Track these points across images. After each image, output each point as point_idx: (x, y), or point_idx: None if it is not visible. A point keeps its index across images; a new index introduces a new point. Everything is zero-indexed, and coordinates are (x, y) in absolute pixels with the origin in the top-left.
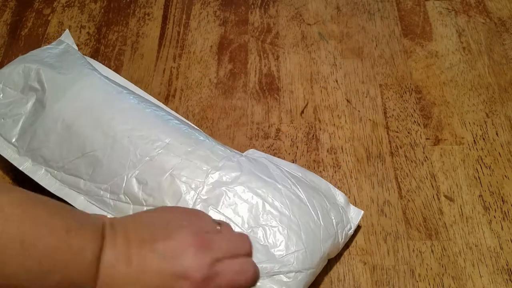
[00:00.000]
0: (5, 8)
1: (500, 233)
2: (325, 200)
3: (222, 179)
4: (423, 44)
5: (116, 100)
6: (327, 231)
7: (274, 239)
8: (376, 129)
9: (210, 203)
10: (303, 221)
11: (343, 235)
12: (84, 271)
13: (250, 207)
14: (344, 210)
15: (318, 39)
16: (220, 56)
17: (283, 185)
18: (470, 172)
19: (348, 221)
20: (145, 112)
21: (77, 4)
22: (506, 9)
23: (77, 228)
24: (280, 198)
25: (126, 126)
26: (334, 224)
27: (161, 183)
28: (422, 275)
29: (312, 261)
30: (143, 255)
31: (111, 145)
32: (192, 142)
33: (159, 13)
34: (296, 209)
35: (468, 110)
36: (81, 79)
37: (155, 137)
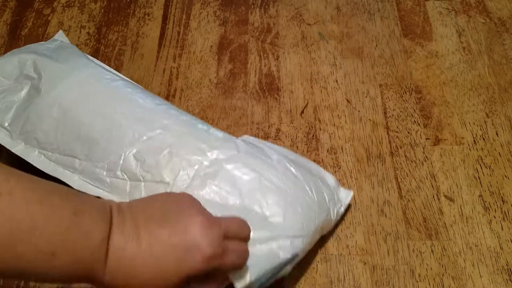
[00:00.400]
0: (5, 8)
1: (500, 233)
2: (318, 179)
3: (219, 156)
4: (423, 44)
5: (114, 87)
6: (321, 206)
7: (271, 210)
8: (376, 129)
9: (208, 177)
10: (299, 195)
11: (335, 212)
12: (94, 252)
13: (247, 181)
14: (335, 190)
15: (318, 39)
16: (220, 56)
17: (279, 164)
18: (470, 172)
19: (339, 200)
20: (142, 98)
21: (77, 4)
22: (506, 9)
23: (84, 211)
24: (276, 174)
25: (123, 110)
26: (326, 201)
27: (159, 160)
28: (422, 275)
29: (308, 230)
30: (153, 233)
31: (109, 127)
32: (189, 124)
33: (159, 13)
34: (291, 184)
35: (468, 110)
36: (79, 68)
37: (152, 120)
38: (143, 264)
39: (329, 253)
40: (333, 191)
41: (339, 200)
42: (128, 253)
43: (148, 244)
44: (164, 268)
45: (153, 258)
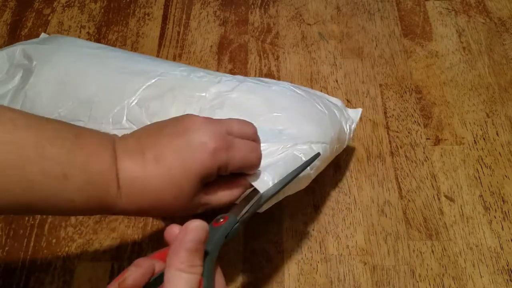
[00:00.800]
0: (5, 8)
1: (501, 233)
2: (325, 99)
3: (222, 89)
4: (423, 44)
5: (104, 51)
6: (332, 119)
7: (284, 124)
8: (376, 129)
9: (215, 108)
10: (309, 110)
11: (347, 127)
12: (103, 172)
13: (255, 104)
14: (344, 109)
15: (318, 39)
16: (220, 56)
17: (283, 87)
18: (471, 172)
19: (349, 117)
20: (134, 55)
21: (77, 4)
22: (506, 9)
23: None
24: (283, 95)
25: (117, 66)
26: (337, 115)
27: (163, 103)
28: (422, 275)
29: (326, 136)
30: (155, 144)
31: (106, 85)
32: (187, 69)
33: (159, 13)
34: (299, 101)
35: (468, 110)
36: (66, 43)
37: (148, 70)
38: (153, 176)
39: (329, 253)
40: (342, 109)
41: (349, 117)
42: (136, 170)
43: (153, 156)
44: (173, 174)
45: (161, 168)
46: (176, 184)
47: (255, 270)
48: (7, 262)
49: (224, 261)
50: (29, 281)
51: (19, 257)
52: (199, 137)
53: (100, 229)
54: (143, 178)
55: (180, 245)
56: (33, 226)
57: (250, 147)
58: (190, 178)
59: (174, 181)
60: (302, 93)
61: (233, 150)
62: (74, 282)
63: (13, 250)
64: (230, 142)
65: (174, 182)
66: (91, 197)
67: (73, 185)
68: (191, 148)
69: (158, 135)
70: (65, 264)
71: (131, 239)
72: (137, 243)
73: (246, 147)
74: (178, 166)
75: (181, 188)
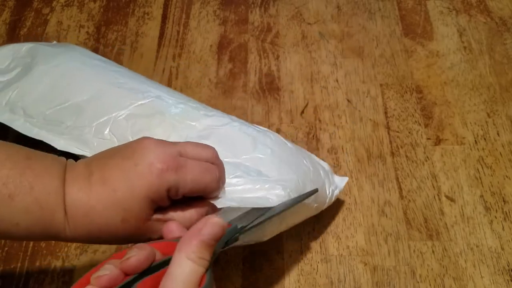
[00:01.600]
0: (4, 8)
1: (501, 234)
2: (313, 159)
3: (213, 123)
4: (424, 43)
5: (109, 65)
6: (316, 177)
7: (266, 167)
8: (376, 129)
9: (201, 138)
10: (294, 160)
11: (330, 190)
12: (51, 193)
13: (241, 143)
14: (330, 173)
15: (318, 39)
16: (220, 56)
17: (273, 135)
18: (471, 172)
19: (334, 182)
20: (134, 74)
21: (76, 3)
22: (507, 9)
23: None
24: (271, 142)
25: (117, 80)
26: (322, 175)
27: (151, 122)
28: (423, 276)
29: (305, 189)
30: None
31: (99, 95)
32: (183, 97)
33: (158, 12)
34: (287, 150)
35: (469, 110)
36: (73, 50)
37: (146, 90)
38: (98, 199)
39: (330, 254)
40: (328, 173)
41: (334, 182)
42: (82, 194)
43: (99, 178)
44: (119, 196)
45: (106, 190)
46: (122, 207)
47: (255, 270)
48: (7, 262)
49: (224, 261)
50: (28, 281)
51: (19, 257)
52: (147, 158)
53: None
54: (88, 202)
55: (196, 235)
56: None
57: (205, 168)
58: (137, 200)
59: (120, 204)
60: (291, 146)
61: (184, 171)
62: (74, 282)
63: (13, 250)
64: (180, 163)
65: (120, 204)
66: (36, 220)
67: (18, 206)
68: (138, 169)
69: (108, 158)
70: (65, 264)
71: None
72: None
73: (200, 168)
74: (124, 188)
75: (129, 211)
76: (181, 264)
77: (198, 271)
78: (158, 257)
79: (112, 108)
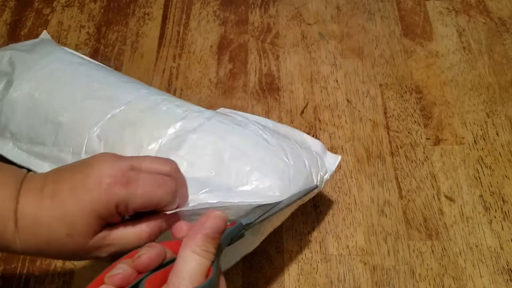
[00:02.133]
0: (5, 8)
1: (501, 233)
2: (296, 145)
3: (185, 127)
4: (424, 44)
5: (79, 70)
6: (298, 171)
7: (237, 177)
8: (376, 129)
9: (172, 150)
10: (270, 161)
11: (318, 177)
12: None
13: (213, 150)
14: (320, 156)
15: (318, 39)
16: (220, 56)
17: (250, 131)
18: (471, 172)
19: (323, 165)
20: (106, 77)
21: (77, 3)
22: (506, 9)
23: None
24: (246, 141)
25: (87, 89)
26: (306, 165)
27: (123, 136)
28: (422, 276)
29: (281, 196)
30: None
31: (73, 109)
32: (155, 99)
33: (158, 12)
34: (262, 150)
35: (468, 110)
36: (48, 54)
37: (116, 97)
38: (46, 212)
39: (329, 253)
40: (316, 157)
41: (324, 165)
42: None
43: (51, 191)
44: (67, 209)
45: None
46: (68, 221)
47: (255, 270)
48: (8, 262)
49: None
50: (29, 281)
51: (19, 257)
52: (97, 172)
53: None
54: (37, 214)
55: (199, 229)
56: None
57: (158, 182)
58: (84, 214)
59: (66, 218)
60: (269, 139)
61: (134, 185)
62: (74, 282)
63: None
64: (131, 177)
65: (66, 218)
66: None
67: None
68: (87, 183)
69: (64, 171)
70: (65, 264)
71: None
72: None
73: (152, 182)
74: (72, 201)
75: (74, 225)
76: (187, 257)
77: (204, 263)
78: (169, 255)
79: (86, 124)
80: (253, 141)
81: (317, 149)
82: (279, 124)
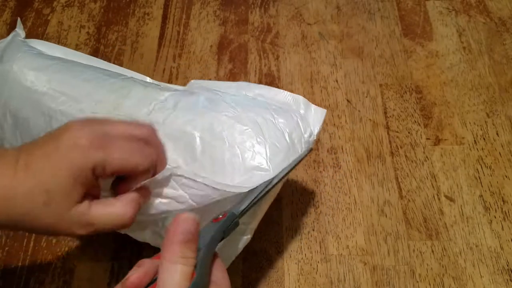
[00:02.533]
0: (5, 8)
1: (501, 233)
2: (272, 113)
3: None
4: (424, 44)
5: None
6: (277, 146)
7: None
8: (376, 129)
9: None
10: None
11: (302, 143)
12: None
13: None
14: (302, 116)
15: (318, 39)
16: (220, 56)
17: (219, 112)
18: (471, 172)
19: (307, 127)
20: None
21: (77, 3)
22: (506, 9)
23: None
24: (215, 127)
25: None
26: (286, 137)
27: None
28: (422, 275)
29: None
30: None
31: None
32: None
33: (158, 12)
34: (236, 134)
35: (468, 110)
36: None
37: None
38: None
39: (329, 253)
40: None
41: (308, 126)
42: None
43: (24, 162)
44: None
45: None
46: (44, 189)
47: (255, 270)
48: (7, 262)
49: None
50: (29, 281)
51: (19, 257)
52: (71, 136)
53: None
54: (11, 186)
55: (172, 237)
56: None
57: (135, 147)
58: (60, 181)
59: (42, 186)
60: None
61: (111, 148)
62: (74, 282)
63: (13, 250)
64: (107, 140)
65: (42, 186)
66: None
67: None
68: (61, 148)
69: (35, 143)
70: (65, 264)
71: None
72: (137, 243)
73: (130, 146)
74: (47, 169)
75: (51, 193)
76: (167, 270)
77: (185, 271)
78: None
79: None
80: (223, 125)
81: (299, 106)
82: (253, 86)
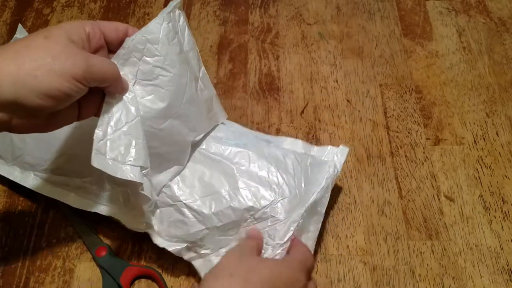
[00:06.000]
0: (5, 8)
1: (501, 233)
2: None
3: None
4: (424, 44)
5: None
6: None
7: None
8: (376, 129)
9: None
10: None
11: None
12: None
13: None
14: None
15: (318, 39)
16: (220, 56)
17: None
18: (471, 172)
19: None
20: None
21: (77, 4)
22: (506, 9)
23: None
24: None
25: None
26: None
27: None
28: (422, 276)
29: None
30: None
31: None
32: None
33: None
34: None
35: (468, 110)
36: None
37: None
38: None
39: (329, 253)
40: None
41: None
42: (10, 63)
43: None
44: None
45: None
46: (44, 31)
47: None
48: (7, 262)
49: None
50: (29, 281)
51: (19, 257)
52: (62, 25)
53: (100, 229)
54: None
55: None
56: (33, 226)
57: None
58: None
59: (41, 33)
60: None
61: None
62: (74, 282)
63: (13, 250)
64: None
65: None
66: None
67: None
68: (52, 29)
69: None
70: (65, 264)
71: (131, 239)
72: (137, 243)
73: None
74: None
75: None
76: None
77: None
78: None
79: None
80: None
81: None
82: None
